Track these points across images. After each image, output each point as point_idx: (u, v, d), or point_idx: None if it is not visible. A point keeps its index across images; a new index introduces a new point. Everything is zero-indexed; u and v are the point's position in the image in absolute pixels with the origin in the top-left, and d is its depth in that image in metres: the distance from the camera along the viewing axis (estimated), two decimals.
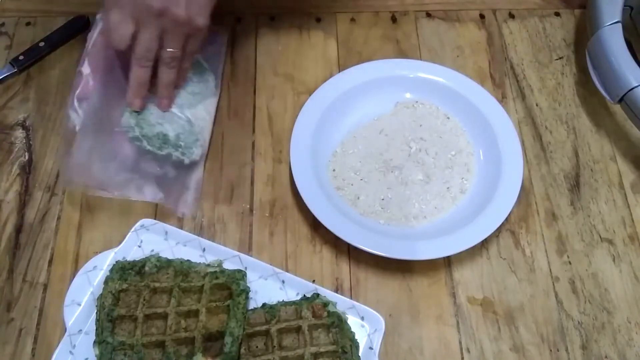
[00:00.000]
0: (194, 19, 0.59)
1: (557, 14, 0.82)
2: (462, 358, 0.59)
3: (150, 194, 0.65)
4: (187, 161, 0.66)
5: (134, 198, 0.64)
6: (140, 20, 0.58)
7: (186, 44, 0.62)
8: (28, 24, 0.79)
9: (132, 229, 0.62)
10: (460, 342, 0.60)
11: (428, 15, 0.81)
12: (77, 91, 0.66)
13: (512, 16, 0.82)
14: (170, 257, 0.60)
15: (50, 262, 0.63)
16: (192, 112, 0.67)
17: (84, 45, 0.69)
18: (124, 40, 0.59)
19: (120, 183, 0.64)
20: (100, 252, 0.61)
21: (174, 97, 0.66)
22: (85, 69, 0.67)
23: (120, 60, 0.65)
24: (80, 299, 0.58)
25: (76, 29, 0.77)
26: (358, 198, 0.66)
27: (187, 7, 0.58)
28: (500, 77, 0.76)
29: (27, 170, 0.68)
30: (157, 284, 0.57)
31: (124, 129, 0.64)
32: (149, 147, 0.64)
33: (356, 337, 0.56)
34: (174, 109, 0.66)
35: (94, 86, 0.66)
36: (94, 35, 0.69)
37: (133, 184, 0.65)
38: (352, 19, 0.80)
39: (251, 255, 0.62)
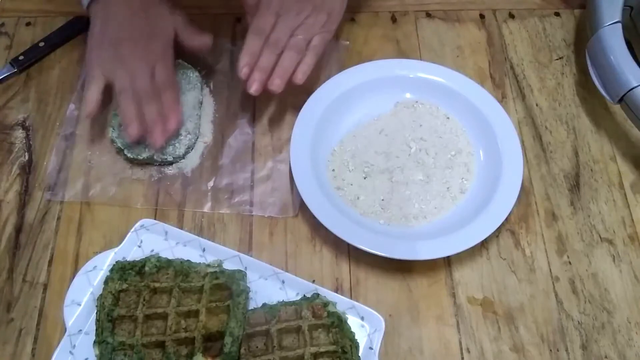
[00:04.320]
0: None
1: (557, 14, 0.82)
2: (462, 358, 0.59)
3: (143, 199, 0.67)
4: (170, 158, 0.68)
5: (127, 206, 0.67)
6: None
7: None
8: (28, 24, 0.79)
9: (132, 229, 0.62)
10: (460, 342, 0.60)
11: (428, 15, 0.81)
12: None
13: (512, 16, 0.82)
14: (170, 257, 0.60)
15: (50, 262, 0.63)
16: None
17: (84, 45, 0.69)
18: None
19: (111, 193, 0.67)
20: (100, 252, 0.61)
21: None
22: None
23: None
24: (80, 299, 0.58)
25: (76, 29, 0.77)
26: (358, 198, 0.66)
27: None
28: (500, 77, 0.76)
29: (27, 170, 0.68)
30: (157, 284, 0.57)
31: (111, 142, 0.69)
32: (130, 155, 0.67)
33: (356, 337, 0.56)
34: None
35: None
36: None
37: (122, 192, 0.67)
38: (352, 19, 0.80)
39: (251, 255, 0.62)
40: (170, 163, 0.68)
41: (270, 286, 0.60)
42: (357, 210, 0.66)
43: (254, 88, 0.65)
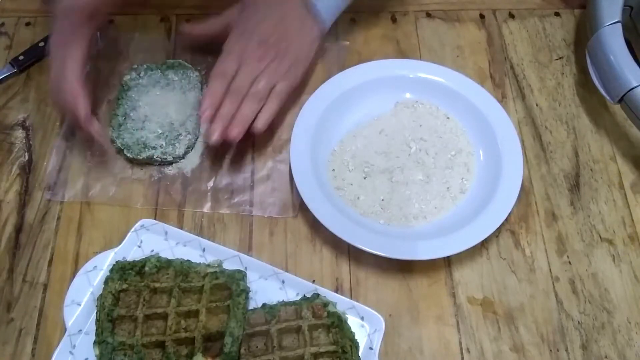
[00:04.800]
0: None
1: (557, 14, 0.82)
2: (462, 358, 0.59)
3: (143, 199, 0.67)
4: (170, 158, 0.68)
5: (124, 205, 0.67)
6: None
7: None
8: (28, 24, 0.79)
9: (132, 229, 0.62)
10: (460, 342, 0.60)
11: (428, 15, 0.81)
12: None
13: (512, 16, 0.82)
14: (170, 257, 0.60)
15: (50, 262, 0.63)
16: (174, 110, 0.69)
17: None
18: None
19: (111, 193, 0.67)
20: (100, 252, 0.61)
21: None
22: None
23: None
24: (80, 299, 0.58)
25: None
26: (358, 198, 0.66)
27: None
28: (500, 77, 0.76)
29: (27, 170, 0.68)
30: (157, 284, 0.57)
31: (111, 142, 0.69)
32: (129, 155, 0.67)
33: (356, 337, 0.56)
34: (155, 110, 0.69)
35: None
36: None
37: (122, 192, 0.67)
38: (352, 19, 0.80)
39: (251, 255, 0.62)
40: (170, 163, 0.68)
41: (270, 286, 0.60)
42: (357, 210, 0.66)
43: (214, 138, 0.63)
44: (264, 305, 0.58)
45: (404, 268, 0.63)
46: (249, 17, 0.68)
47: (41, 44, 0.76)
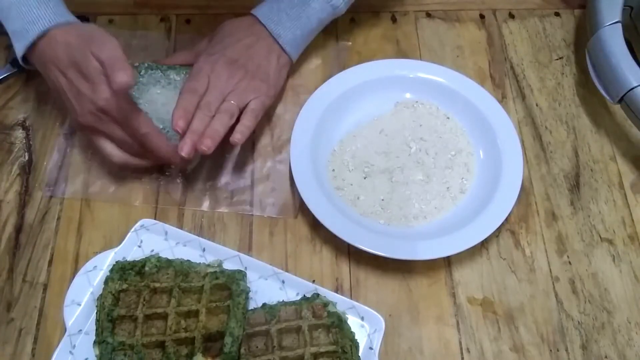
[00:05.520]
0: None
1: (557, 14, 0.82)
2: (462, 358, 0.59)
3: (142, 197, 0.67)
4: None
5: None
6: None
7: None
8: None
9: (132, 229, 0.62)
10: (460, 342, 0.60)
11: (428, 15, 0.81)
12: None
13: (512, 16, 0.82)
14: (170, 257, 0.60)
15: (50, 262, 0.63)
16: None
17: None
18: None
19: (111, 190, 0.67)
20: (100, 252, 0.61)
21: None
22: None
23: None
24: (80, 299, 0.58)
25: None
26: (358, 198, 0.66)
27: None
28: (500, 77, 0.76)
29: (27, 170, 0.68)
30: (157, 284, 0.57)
31: None
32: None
33: (356, 337, 0.56)
34: (155, 108, 0.68)
35: None
36: None
37: (122, 189, 0.67)
38: (352, 19, 0.80)
39: (251, 255, 0.62)
40: None
41: (270, 286, 0.60)
42: (357, 210, 0.66)
43: (185, 151, 0.61)
44: (264, 305, 0.58)
45: (404, 268, 0.63)
46: (217, 43, 0.69)
47: None
